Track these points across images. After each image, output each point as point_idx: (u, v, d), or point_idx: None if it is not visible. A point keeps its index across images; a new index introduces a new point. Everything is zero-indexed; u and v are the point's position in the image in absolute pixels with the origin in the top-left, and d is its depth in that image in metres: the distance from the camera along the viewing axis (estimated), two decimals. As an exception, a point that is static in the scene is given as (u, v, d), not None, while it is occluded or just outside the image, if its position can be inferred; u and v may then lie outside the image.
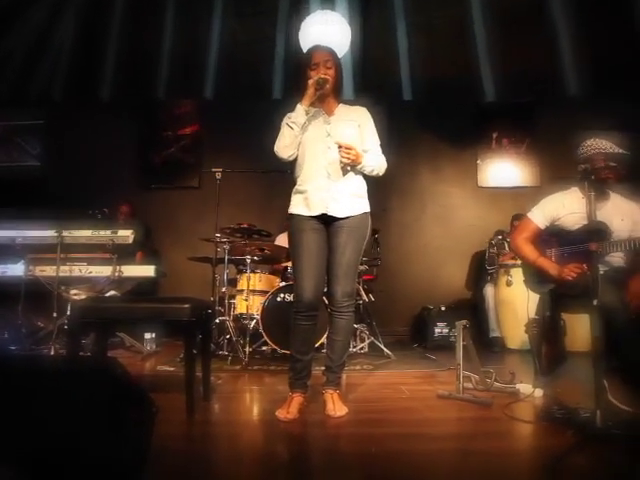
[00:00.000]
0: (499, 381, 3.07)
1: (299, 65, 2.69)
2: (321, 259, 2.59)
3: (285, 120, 2.63)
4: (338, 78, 2.65)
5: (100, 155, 6.13)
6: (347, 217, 2.57)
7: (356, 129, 2.65)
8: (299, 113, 2.57)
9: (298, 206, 2.63)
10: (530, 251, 2.93)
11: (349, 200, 2.59)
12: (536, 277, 2.95)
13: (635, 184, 2.89)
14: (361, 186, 2.67)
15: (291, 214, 2.66)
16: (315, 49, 2.70)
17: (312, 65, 2.60)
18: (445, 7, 6.09)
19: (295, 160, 2.67)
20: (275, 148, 2.65)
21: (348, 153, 2.50)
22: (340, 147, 2.51)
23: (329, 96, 2.66)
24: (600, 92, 5.85)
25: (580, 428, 2.14)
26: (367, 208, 2.67)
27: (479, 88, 6.33)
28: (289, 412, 2.48)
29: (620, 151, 2.72)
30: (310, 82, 2.54)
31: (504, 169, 6.29)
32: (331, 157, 2.56)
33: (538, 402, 2.80)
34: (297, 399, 2.55)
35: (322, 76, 2.54)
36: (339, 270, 2.56)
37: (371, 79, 6.27)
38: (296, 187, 2.68)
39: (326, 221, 2.60)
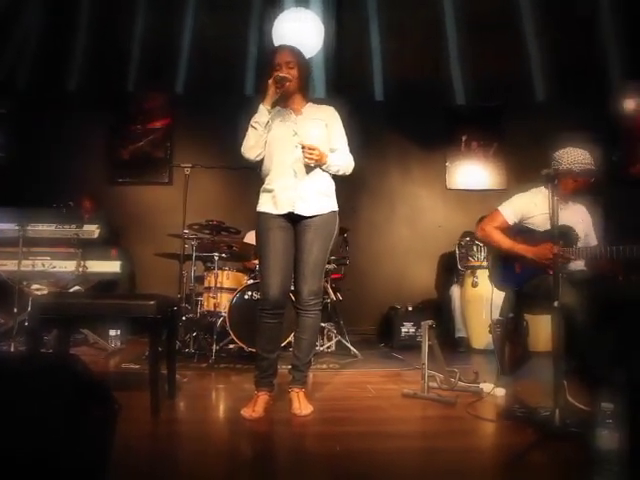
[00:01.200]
0: (463, 380, 3.12)
1: (266, 65, 2.69)
2: (288, 257, 2.60)
3: (251, 122, 2.64)
4: (303, 77, 2.65)
5: (66, 147, 5.98)
6: (314, 216, 2.58)
7: (323, 128, 2.66)
8: (261, 113, 2.60)
9: (266, 204, 2.63)
10: (501, 237, 2.93)
11: (316, 199, 2.59)
12: (502, 275, 3.00)
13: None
14: (329, 185, 2.68)
15: (259, 212, 2.66)
16: (278, 49, 2.72)
17: (275, 66, 2.60)
18: (417, 10, 6.14)
19: (263, 159, 2.67)
20: (242, 149, 2.67)
21: (311, 154, 2.51)
22: (303, 147, 2.51)
23: (295, 94, 2.68)
24: (566, 98, 6.00)
25: (540, 426, 2.20)
26: (335, 207, 2.68)
27: (449, 91, 6.42)
28: (255, 411, 2.47)
29: (591, 166, 2.79)
30: (269, 81, 2.56)
31: (472, 172, 6.38)
32: (298, 156, 2.56)
33: (500, 401, 2.86)
34: (263, 398, 2.55)
35: (280, 74, 2.55)
36: (306, 268, 2.57)
37: (343, 79, 6.29)
38: (264, 186, 2.68)
39: (293, 219, 2.60)
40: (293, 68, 2.61)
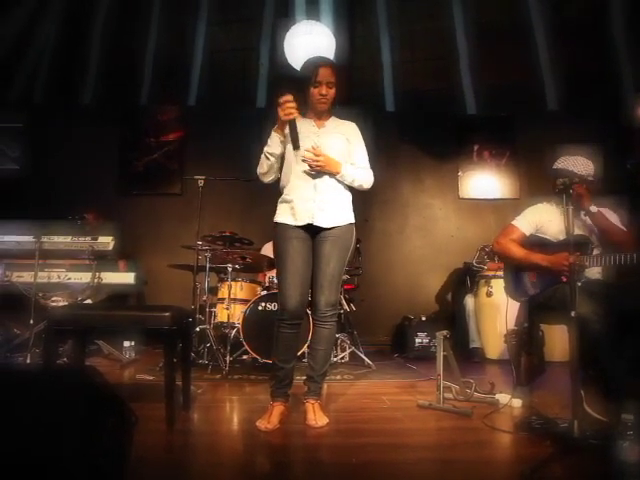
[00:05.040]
0: (479, 391, 3.10)
1: (301, 79, 2.64)
2: (306, 268, 2.60)
3: (265, 148, 2.67)
4: (335, 95, 2.65)
5: (80, 160, 6.05)
6: (332, 227, 2.60)
7: (344, 142, 2.69)
8: (275, 143, 2.62)
9: (284, 215, 2.64)
10: (517, 249, 2.95)
11: (335, 211, 2.61)
12: (517, 284, 2.99)
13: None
14: (347, 197, 2.70)
15: (276, 223, 2.67)
16: (320, 64, 2.61)
17: (314, 82, 2.58)
18: (428, 21, 6.18)
19: (282, 170, 2.70)
20: (257, 172, 2.72)
21: (317, 160, 2.53)
22: (308, 155, 2.54)
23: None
24: (578, 107, 5.98)
25: (558, 438, 2.17)
26: (352, 219, 2.70)
27: (461, 101, 6.43)
28: (270, 422, 2.48)
29: (584, 173, 2.79)
30: (279, 108, 2.52)
31: (485, 181, 6.36)
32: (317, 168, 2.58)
33: (517, 412, 2.83)
34: (278, 408, 2.55)
35: (287, 104, 2.50)
36: (323, 280, 2.58)
37: (355, 90, 6.32)
38: (282, 196, 2.69)
39: (311, 231, 2.61)
40: (332, 88, 2.61)
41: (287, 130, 2.58)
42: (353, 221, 2.69)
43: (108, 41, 6.23)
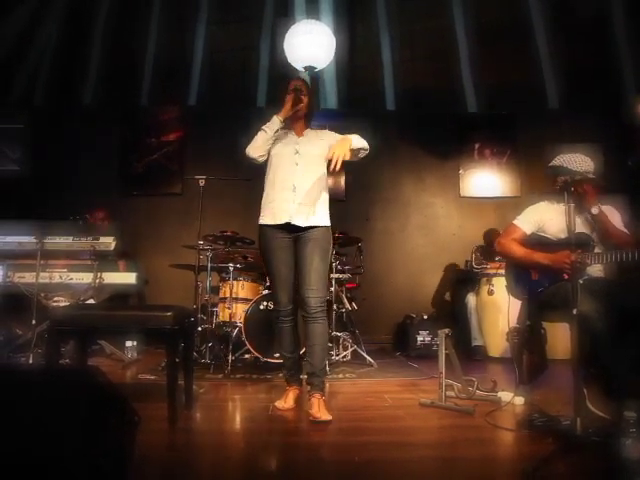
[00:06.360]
0: (481, 389, 3.10)
1: (282, 89, 2.97)
2: (291, 272, 2.86)
3: (263, 127, 2.89)
4: (310, 106, 2.95)
5: (81, 160, 6.06)
6: (310, 228, 2.79)
7: (324, 147, 2.88)
8: (274, 122, 2.86)
9: (266, 217, 2.87)
10: (519, 248, 2.95)
11: (312, 212, 2.81)
12: (519, 282, 2.98)
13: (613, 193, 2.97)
14: (324, 202, 2.90)
15: (260, 225, 2.88)
16: (292, 79, 3.05)
17: (289, 91, 2.91)
18: (429, 20, 6.17)
19: (265, 176, 2.91)
20: (247, 149, 2.88)
21: (337, 161, 2.64)
22: (332, 166, 2.66)
23: (300, 120, 2.95)
24: (579, 105, 5.98)
25: (560, 436, 2.16)
26: (328, 223, 2.89)
27: (461, 99, 6.42)
28: (286, 402, 2.83)
29: (582, 170, 2.77)
30: (289, 96, 2.87)
31: (486, 179, 6.36)
32: (298, 172, 2.81)
33: (519, 410, 2.83)
34: (293, 392, 2.89)
35: (298, 86, 2.88)
36: (310, 278, 2.75)
37: (355, 89, 6.33)
38: (264, 198, 2.90)
39: (291, 232, 2.80)
40: (305, 96, 2.92)
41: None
42: (329, 225, 2.88)
43: (108, 41, 6.24)
